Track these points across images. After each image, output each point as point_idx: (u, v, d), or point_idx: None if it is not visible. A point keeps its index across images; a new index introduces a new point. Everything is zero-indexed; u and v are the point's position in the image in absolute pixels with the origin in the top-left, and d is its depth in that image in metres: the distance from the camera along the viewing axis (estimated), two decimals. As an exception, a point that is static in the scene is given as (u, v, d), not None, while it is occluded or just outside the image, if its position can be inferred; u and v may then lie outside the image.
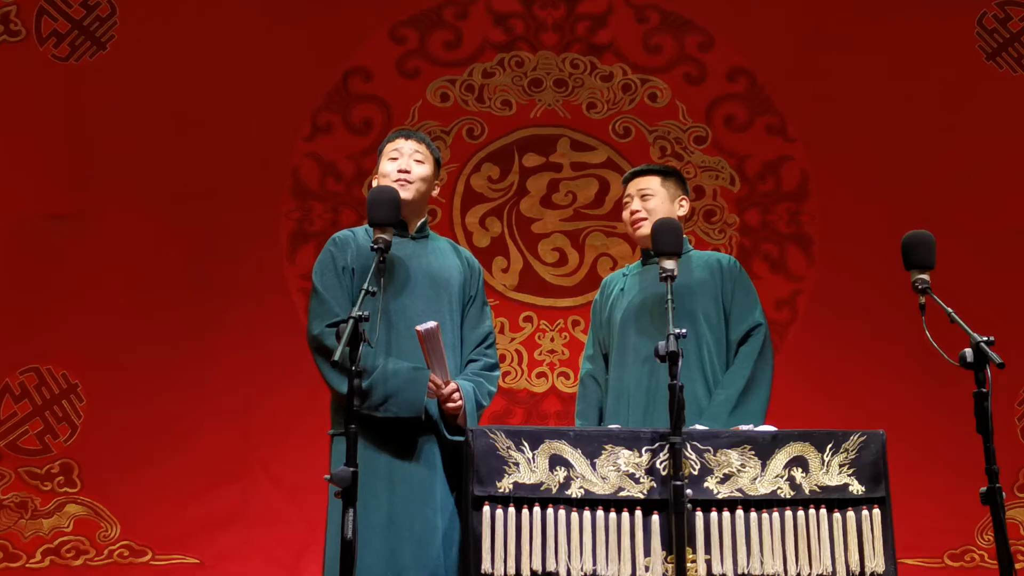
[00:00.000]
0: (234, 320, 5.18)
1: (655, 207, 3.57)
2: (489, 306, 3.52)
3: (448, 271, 3.38)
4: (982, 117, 5.47)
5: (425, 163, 3.39)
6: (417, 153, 3.39)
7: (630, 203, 3.62)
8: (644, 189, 3.61)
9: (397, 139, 3.43)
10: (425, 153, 3.41)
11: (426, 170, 3.39)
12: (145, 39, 5.42)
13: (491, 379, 3.36)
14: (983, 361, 2.81)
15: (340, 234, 3.39)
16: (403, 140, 3.41)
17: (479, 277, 3.49)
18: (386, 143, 3.45)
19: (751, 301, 3.52)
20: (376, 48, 5.52)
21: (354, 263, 3.27)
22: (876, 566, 2.87)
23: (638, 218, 3.58)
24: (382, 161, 3.41)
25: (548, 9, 5.61)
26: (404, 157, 3.37)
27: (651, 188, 3.60)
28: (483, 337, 3.40)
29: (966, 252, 5.18)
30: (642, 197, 3.59)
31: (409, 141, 3.41)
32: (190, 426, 5.05)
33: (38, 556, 5.01)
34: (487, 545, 2.79)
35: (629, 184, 3.68)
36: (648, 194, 3.60)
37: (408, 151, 3.38)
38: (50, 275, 5.18)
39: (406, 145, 3.39)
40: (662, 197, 3.60)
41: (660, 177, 3.64)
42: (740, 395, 3.37)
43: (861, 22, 5.54)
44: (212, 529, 4.98)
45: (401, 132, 3.48)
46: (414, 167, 3.36)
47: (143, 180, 5.30)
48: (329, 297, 3.22)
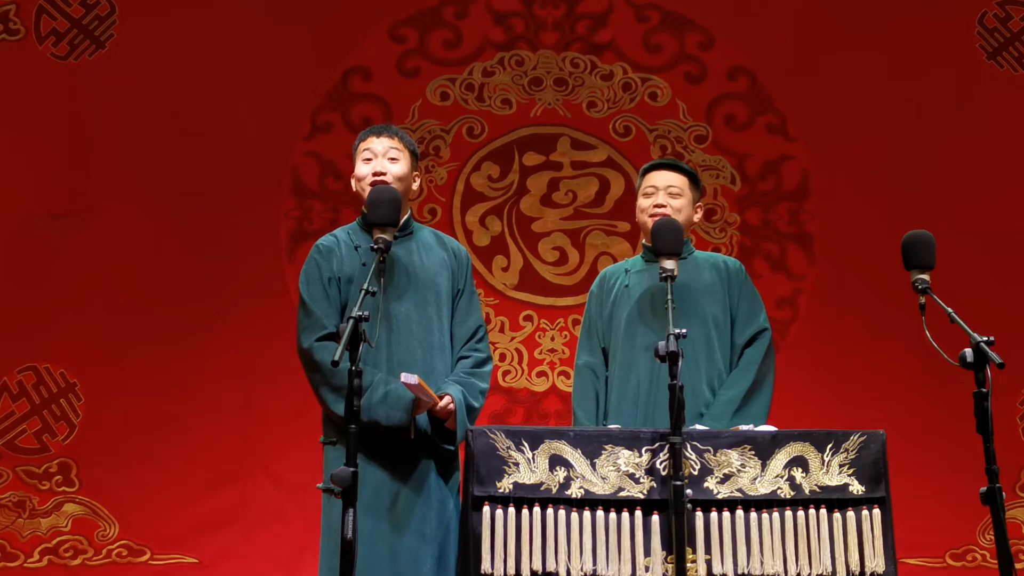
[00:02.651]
0: (233, 319, 5.17)
1: (681, 207, 3.55)
2: (478, 296, 3.49)
3: (434, 268, 3.36)
4: (982, 116, 5.46)
5: (399, 160, 3.33)
6: (392, 150, 3.33)
7: (654, 194, 3.56)
8: (674, 186, 3.56)
9: (369, 137, 3.36)
10: (399, 148, 3.34)
11: (401, 168, 3.33)
12: (144, 38, 5.41)
13: (482, 375, 3.32)
14: (983, 361, 2.81)
15: (323, 240, 3.37)
16: (375, 138, 3.34)
17: (467, 267, 3.45)
18: (359, 142, 3.39)
19: (757, 306, 3.54)
20: (376, 47, 5.51)
21: (339, 272, 3.27)
22: (876, 566, 2.87)
23: (661, 212, 3.51)
24: (356, 162, 3.36)
25: (548, 8, 5.61)
26: (377, 158, 3.32)
27: (681, 188, 3.57)
28: (473, 331, 3.37)
29: (966, 251, 5.18)
30: (670, 194, 3.55)
31: (381, 139, 3.34)
32: (189, 425, 5.04)
33: (36, 556, 5.00)
34: (487, 545, 2.79)
35: (655, 174, 3.61)
36: (677, 193, 3.56)
37: (381, 150, 3.32)
38: (49, 274, 5.18)
39: (378, 143, 3.33)
40: (688, 200, 3.58)
41: (690, 179, 3.63)
42: (744, 397, 3.37)
43: (861, 21, 5.53)
44: (211, 529, 4.98)
45: (372, 129, 3.40)
46: (388, 167, 3.31)
47: (142, 179, 5.29)
48: (316, 308, 3.22)
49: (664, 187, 3.56)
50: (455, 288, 3.40)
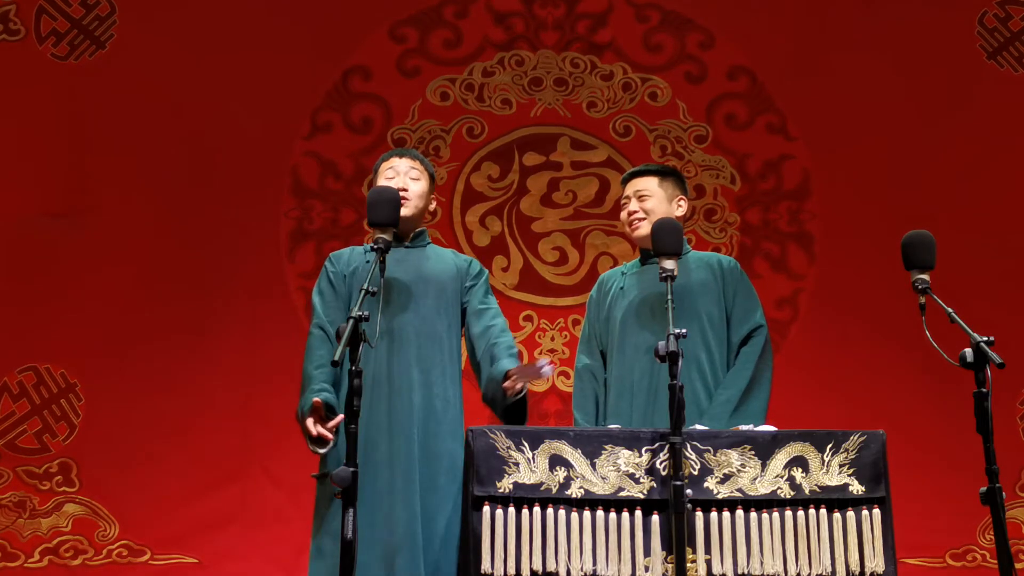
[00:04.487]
0: (233, 319, 5.18)
1: (652, 207, 3.58)
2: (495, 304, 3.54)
3: (442, 272, 3.42)
4: (983, 116, 5.46)
5: (421, 179, 3.49)
6: (413, 171, 3.48)
7: (628, 204, 3.65)
8: (641, 190, 3.62)
9: (392, 158, 3.53)
10: (420, 170, 3.51)
11: (422, 186, 3.48)
12: (144, 38, 5.41)
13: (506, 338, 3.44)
14: (983, 361, 2.81)
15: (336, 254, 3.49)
16: (398, 159, 3.51)
17: (479, 274, 3.52)
18: (381, 162, 3.55)
19: (752, 303, 3.54)
20: (376, 47, 5.51)
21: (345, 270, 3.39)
22: (876, 566, 2.87)
23: (636, 219, 3.60)
24: (379, 180, 3.49)
25: (548, 8, 5.61)
26: (400, 176, 3.45)
27: (648, 189, 3.62)
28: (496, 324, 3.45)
29: (966, 251, 5.18)
30: (639, 198, 3.61)
31: (404, 160, 3.50)
32: (189, 425, 5.04)
33: (36, 556, 5.00)
34: (487, 545, 2.79)
35: (627, 185, 3.70)
36: (645, 195, 3.61)
37: (403, 169, 3.47)
38: (49, 274, 5.18)
39: (401, 163, 3.49)
40: (659, 197, 3.61)
41: (657, 177, 3.65)
42: (741, 396, 3.37)
43: (861, 21, 5.53)
44: (211, 528, 4.98)
45: (395, 151, 3.59)
46: (411, 184, 3.45)
47: (142, 179, 5.29)
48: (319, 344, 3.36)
49: (634, 194, 3.63)
50: (464, 287, 3.46)
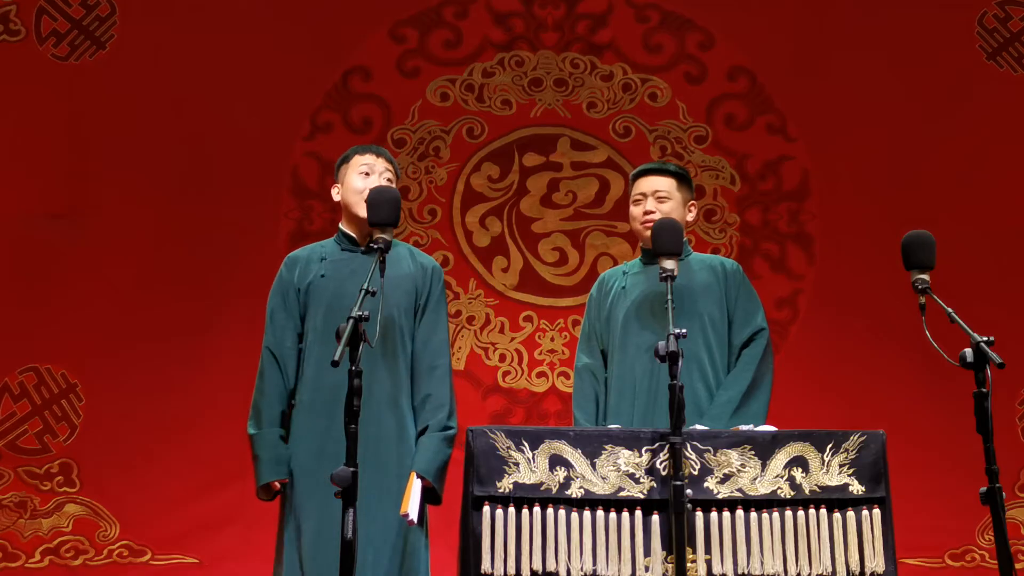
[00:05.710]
0: (233, 319, 5.16)
1: (670, 211, 3.52)
2: (445, 310, 3.48)
3: (398, 280, 3.35)
4: (982, 117, 5.46)
5: (393, 182, 3.44)
6: (387, 172, 3.44)
7: (643, 201, 3.56)
8: (661, 191, 3.55)
9: (367, 154, 3.47)
10: (393, 173, 3.47)
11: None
12: (145, 39, 5.41)
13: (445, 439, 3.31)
14: (983, 361, 2.81)
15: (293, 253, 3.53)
16: (373, 157, 3.45)
17: (435, 279, 3.46)
18: (354, 155, 3.48)
19: (754, 306, 3.53)
20: (376, 47, 5.52)
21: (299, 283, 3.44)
22: (876, 566, 2.87)
23: (651, 219, 3.49)
24: (350, 174, 3.43)
25: (548, 8, 5.61)
26: (375, 175, 3.40)
27: (668, 191, 3.55)
28: (434, 357, 3.36)
29: (966, 251, 5.18)
30: (658, 198, 3.54)
31: (380, 160, 3.45)
32: (189, 425, 5.04)
33: (37, 556, 5.01)
34: (487, 545, 2.79)
35: (642, 181, 3.60)
36: (665, 197, 3.54)
37: (380, 169, 3.43)
38: (49, 274, 5.18)
39: (378, 163, 3.44)
40: (677, 202, 3.56)
41: (676, 181, 3.59)
42: (742, 397, 3.37)
43: (861, 21, 5.53)
44: (212, 529, 4.98)
45: (370, 148, 3.51)
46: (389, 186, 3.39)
47: (142, 180, 5.29)
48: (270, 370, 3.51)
49: (651, 192, 3.55)
50: (418, 301, 3.41)
